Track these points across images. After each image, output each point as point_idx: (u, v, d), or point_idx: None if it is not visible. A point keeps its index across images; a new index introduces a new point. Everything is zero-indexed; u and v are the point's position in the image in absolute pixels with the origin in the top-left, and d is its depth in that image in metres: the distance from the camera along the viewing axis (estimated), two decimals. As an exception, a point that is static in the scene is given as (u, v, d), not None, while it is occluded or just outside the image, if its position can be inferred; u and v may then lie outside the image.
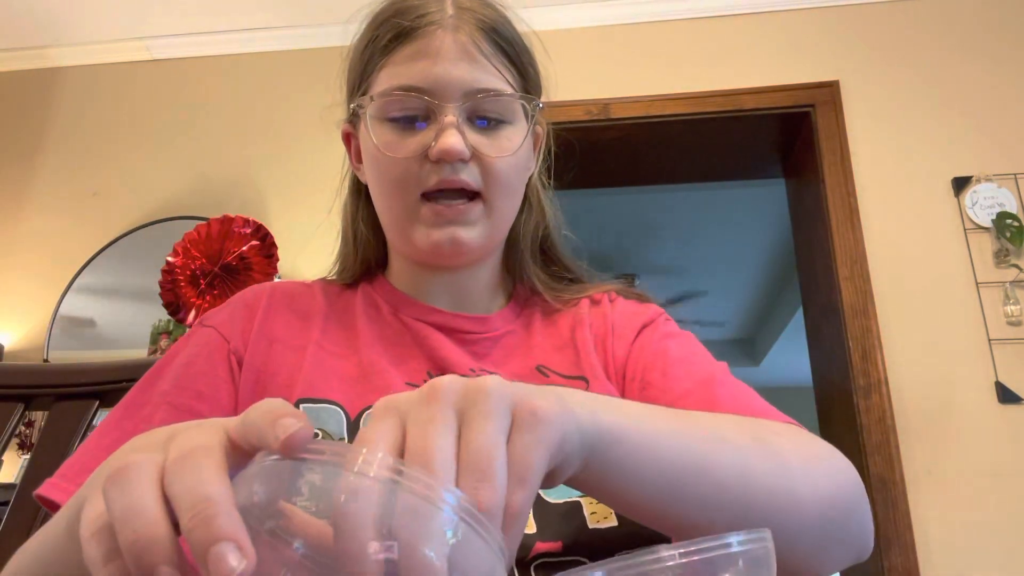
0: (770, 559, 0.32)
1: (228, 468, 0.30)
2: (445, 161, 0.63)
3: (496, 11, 0.69)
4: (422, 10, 0.65)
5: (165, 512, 0.29)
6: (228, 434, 0.32)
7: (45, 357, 2.50)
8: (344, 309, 0.72)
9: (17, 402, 0.83)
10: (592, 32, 2.56)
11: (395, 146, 0.65)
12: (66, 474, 0.56)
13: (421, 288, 0.73)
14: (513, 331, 0.72)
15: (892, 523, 1.95)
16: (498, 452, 0.32)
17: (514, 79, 0.68)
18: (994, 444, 2.02)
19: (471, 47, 0.64)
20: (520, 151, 0.68)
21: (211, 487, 0.28)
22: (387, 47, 0.66)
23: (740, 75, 2.48)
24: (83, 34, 2.80)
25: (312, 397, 0.61)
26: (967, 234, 2.22)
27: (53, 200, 2.71)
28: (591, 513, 0.57)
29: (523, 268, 0.76)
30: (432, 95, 0.63)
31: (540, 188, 0.77)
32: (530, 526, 0.56)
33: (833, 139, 2.36)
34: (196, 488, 0.28)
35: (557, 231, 0.79)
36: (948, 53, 2.42)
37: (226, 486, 0.29)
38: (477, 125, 0.65)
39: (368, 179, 0.72)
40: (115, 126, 2.77)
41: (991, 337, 2.10)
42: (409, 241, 0.68)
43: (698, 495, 0.43)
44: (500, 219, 0.69)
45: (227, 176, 2.64)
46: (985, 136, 2.31)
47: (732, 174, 2.95)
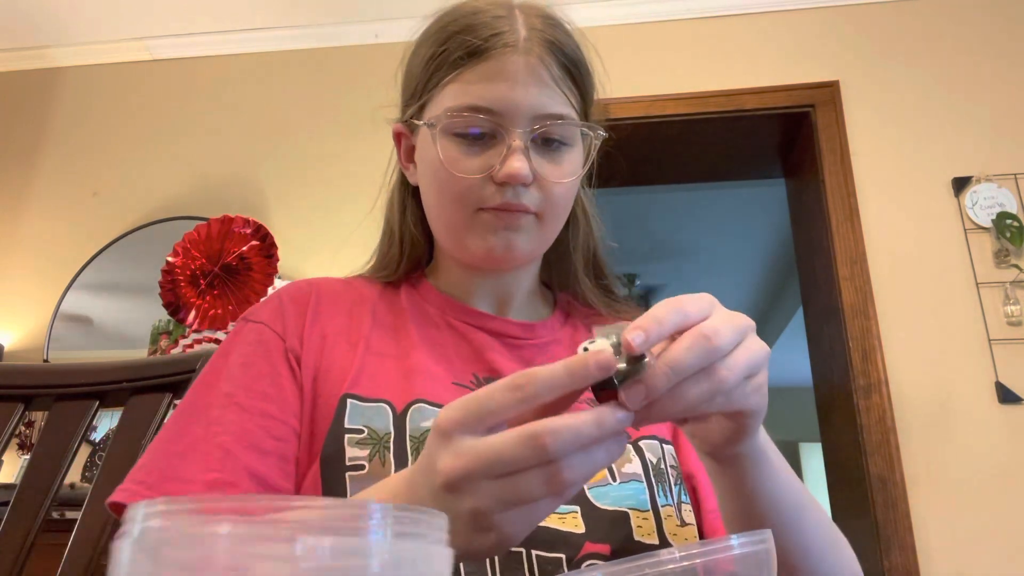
0: (770, 559, 0.32)
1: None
2: (509, 184, 0.64)
3: (564, 32, 0.70)
4: (495, 29, 0.66)
5: None
6: None
7: (45, 357, 2.50)
8: (390, 310, 0.73)
9: (17, 402, 0.83)
10: (592, 32, 2.55)
11: (460, 163, 0.65)
12: (144, 480, 0.56)
13: (467, 290, 0.74)
14: (559, 341, 0.74)
15: (892, 523, 1.95)
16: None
17: (577, 102, 0.69)
18: (994, 444, 2.02)
19: (541, 70, 0.65)
20: (578, 175, 0.69)
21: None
22: (457, 62, 0.66)
23: (740, 75, 2.48)
24: (83, 34, 2.80)
25: (359, 395, 0.62)
26: (967, 234, 2.22)
27: (53, 200, 2.71)
28: (637, 527, 0.58)
29: (575, 281, 0.78)
30: (502, 118, 0.64)
31: (585, 199, 0.79)
32: (579, 526, 0.57)
33: (833, 139, 2.36)
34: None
35: (603, 243, 0.80)
36: (948, 53, 2.42)
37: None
38: (540, 143, 0.67)
39: (423, 185, 0.72)
40: (115, 126, 2.77)
41: (991, 337, 2.10)
42: (463, 247, 0.69)
43: (802, 522, 0.56)
44: (550, 233, 0.70)
45: (227, 176, 2.64)
46: (985, 136, 2.31)
47: (732, 174, 2.95)
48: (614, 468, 0.62)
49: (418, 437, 0.59)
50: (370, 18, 2.63)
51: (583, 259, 0.78)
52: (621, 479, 0.61)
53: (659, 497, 0.61)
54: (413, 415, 0.60)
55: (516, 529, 0.38)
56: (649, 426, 0.67)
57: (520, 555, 0.54)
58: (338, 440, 0.58)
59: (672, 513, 0.61)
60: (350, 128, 2.50)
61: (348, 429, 0.59)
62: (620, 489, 0.60)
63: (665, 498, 0.62)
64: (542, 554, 0.55)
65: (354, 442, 0.58)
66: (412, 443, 0.58)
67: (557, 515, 0.57)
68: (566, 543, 0.55)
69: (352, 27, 2.65)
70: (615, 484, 0.60)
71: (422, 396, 0.62)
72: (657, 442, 0.66)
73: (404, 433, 0.59)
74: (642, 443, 0.65)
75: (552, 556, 0.55)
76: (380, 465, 0.57)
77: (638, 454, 0.63)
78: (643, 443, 0.65)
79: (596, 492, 0.59)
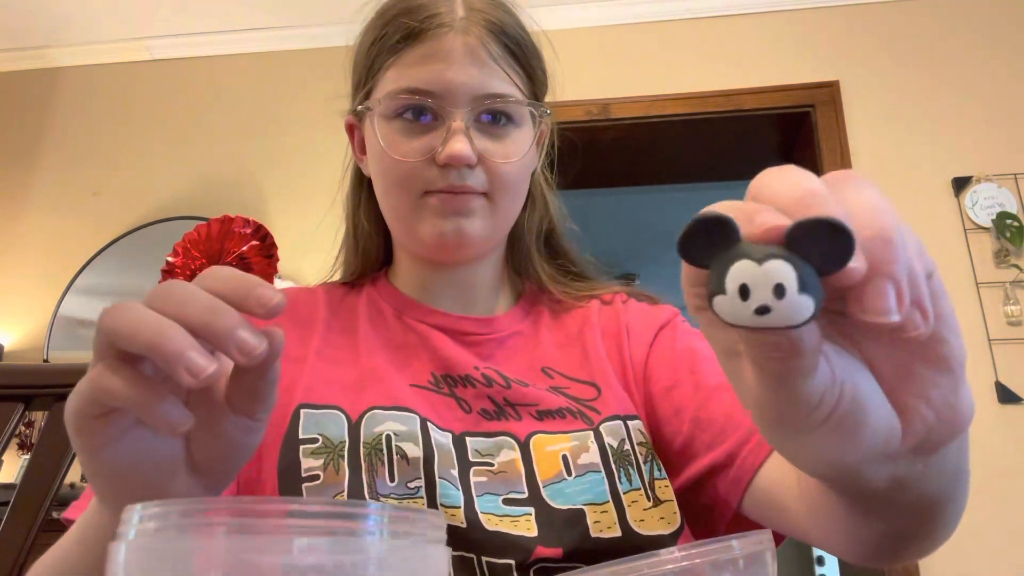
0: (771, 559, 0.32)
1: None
2: (452, 166, 0.63)
3: (505, 12, 0.68)
4: (432, 10, 0.65)
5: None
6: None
7: (45, 357, 2.50)
8: (347, 314, 0.72)
9: (17, 402, 0.83)
10: (592, 32, 2.56)
11: (401, 147, 0.64)
12: (88, 495, 0.56)
13: (426, 287, 0.72)
14: (520, 332, 0.72)
15: (892, 523, 1.95)
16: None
17: (522, 81, 0.67)
18: (994, 444, 2.02)
19: (480, 50, 0.64)
20: (526, 155, 0.68)
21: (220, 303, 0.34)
22: (395, 46, 0.65)
23: (740, 75, 2.48)
24: (83, 34, 2.80)
25: (313, 403, 0.61)
26: (967, 234, 2.22)
27: (53, 200, 2.71)
28: (595, 522, 0.57)
29: (529, 262, 0.76)
30: (441, 99, 0.63)
31: (543, 183, 0.77)
32: (531, 530, 0.56)
33: (833, 139, 2.36)
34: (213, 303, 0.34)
35: (561, 224, 0.78)
36: (948, 53, 2.42)
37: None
38: (484, 123, 0.65)
39: (372, 174, 0.71)
40: (115, 126, 2.77)
41: (991, 337, 2.10)
42: (414, 234, 0.67)
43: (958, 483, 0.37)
44: (504, 216, 0.69)
45: (227, 176, 2.64)
46: (985, 136, 2.31)
47: (732, 174, 2.95)
48: (570, 461, 0.59)
49: (371, 443, 0.58)
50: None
51: (536, 240, 0.76)
52: (577, 472, 0.59)
53: (621, 484, 0.58)
54: (368, 422, 0.59)
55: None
56: (610, 405, 0.64)
57: (471, 561, 0.54)
58: (293, 451, 0.58)
59: (639, 497, 0.59)
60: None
61: (303, 440, 0.58)
62: (575, 484, 0.58)
63: (629, 483, 0.59)
64: (492, 560, 0.54)
65: (308, 452, 0.57)
66: (365, 449, 0.57)
67: (510, 518, 0.56)
68: (516, 548, 0.54)
69: (352, 27, 2.64)
70: (570, 479, 0.58)
71: (376, 403, 0.61)
72: (619, 421, 0.63)
73: (358, 440, 0.58)
74: (602, 427, 0.62)
75: (502, 562, 0.54)
76: (334, 473, 0.56)
77: (597, 440, 0.61)
78: (603, 427, 0.62)
79: (551, 490, 0.58)
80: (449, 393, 0.65)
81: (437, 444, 0.59)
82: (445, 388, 0.65)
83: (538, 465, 0.60)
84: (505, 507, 0.57)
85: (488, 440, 0.61)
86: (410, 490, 0.56)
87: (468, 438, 0.61)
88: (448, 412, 0.63)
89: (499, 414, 0.63)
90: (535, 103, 0.69)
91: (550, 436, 0.61)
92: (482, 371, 0.66)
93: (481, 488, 0.58)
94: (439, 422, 0.62)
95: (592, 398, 0.65)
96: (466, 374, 0.66)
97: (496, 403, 0.64)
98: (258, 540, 0.24)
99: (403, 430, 0.59)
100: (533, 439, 0.61)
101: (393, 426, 0.59)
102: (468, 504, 0.56)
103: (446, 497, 0.56)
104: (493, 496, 0.57)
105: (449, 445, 0.60)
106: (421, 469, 0.57)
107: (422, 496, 0.56)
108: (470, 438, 0.61)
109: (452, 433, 0.61)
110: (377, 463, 0.57)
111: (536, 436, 0.61)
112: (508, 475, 0.59)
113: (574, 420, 0.63)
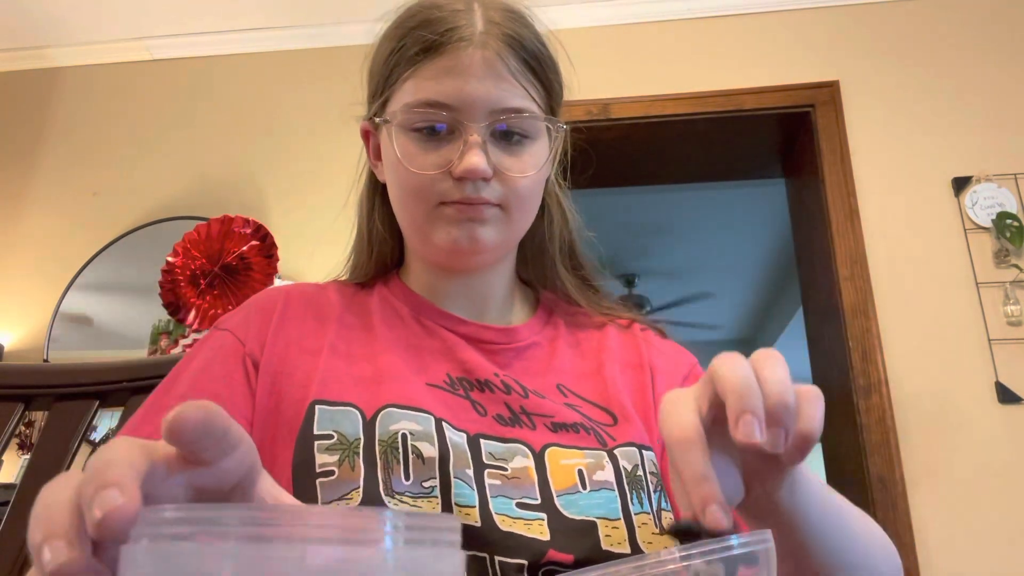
0: (770, 559, 0.32)
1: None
2: (468, 180, 0.64)
3: (524, 25, 0.69)
4: (451, 23, 0.65)
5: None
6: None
7: (45, 357, 2.50)
8: (360, 311, 0.72)
9: (17, 402, 0.83)
10: (592, 32, 2.56)
11: (417, 159, 0.65)
12: None
13: (439, 292, 0.73)
14: (538, 343, 0.73)
15: (892, 523, 1.95)
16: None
17: (539, 95, 0.68)
18: (994, 444, 2.02)
19: (498, 64, 0.65)
20: (542, 169, 0.68)
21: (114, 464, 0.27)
22: (413, 58, 0.66)
23: (740, 75, 2.48)
24: (83, 34, 2.80)
25: (327, 399, 0.61)
26: (967, 234, 2.22)
27: (53, 200, 2.71)
28: (606, 536, 0.57)
29: (555, 274, 0.77)
30: (458, 112, 0.64)
31: (559, 192, 0.78)
32: (544, 534, 0.56)
33: (833, 139, 2.36)
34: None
35: (579, 234, 0.79)
36: (948, 53, 2.42)
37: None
38: (500, 137, 0.66)
39: (388, 183, 0.72)
40: (115, 126, 2.77)
41: (991, 337, 2.10)
42: (428, 242, 0.68)
43: (842, 539, 0.53)
44: (517, 225, 0.69)
45: (227, 176, 2.64)
46: (985, 136, 2.31)
47: (732, 174, 2.96)
48: (585, 476, 0.60)
49: (387, 441, 0.58)
50: (371, 17, 2.62)
51: (559, 252, 0.77)
52: (591, 487, 0.60)
53: (633, 505, 0.59)
54: (383, 420, 0.60)
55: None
56: (626, 433, 0.65)
57: (484, 560, 0.54)
58: (308, 447, 0.58)
59: (648, 521, 0.60)
60: (350, 127, 2.49)
61: (317, 435, 0.59)
62: (589, 498, 0.59)
63: (640, 506, 0.60)
64: (505, 560, 0.54)
65: (323, 448, 0.58)
66: (381, 447, 0.58)
67: (524, 521, 0.57)
68: (529, 549, 0.55)
69: (353, 26, 2.64)
70: (584, 492, 0.59)
71: (392, 400, 0.61)
72: (635, 448, 0.64)
73: (373, 438, 0.58)
74: (618, 451, 0.63)
75: (514, 562, 0.54)
76: (349, 469, 0.57)
77: (612, 462, 0.62)
78: (619, 451, 0.63)
79: (564, 500, 0.58)
80: (464, 395, 0.65)
81: (452, 444, 0.59)
82: (461, 390, 0.66)
83: (552, 476, 0.60)
84: (519, 510, 0.57)
85: (502, 445, 0.62)
86: (425, 489, 0.57)
87: (482, 440, 0.62)
88: (463, 413, 0.64)
89: (514, 421, 0.64)
90: (551, 119, 0.69)
91: (565, 450, 0.62)
92: (501, 378, 0.66)
93: (495, 490, 0.58)
94: (454, 422, 0.62)
95: (607, 424, 0.66)
96: (486, 379, 0.66)
97: (512, 410, 0.65)
98: (273, 546, 0.24)
99: (418, 429, 0.59)
100: (548, 451, 0.62)
101: (408, 425, 0.60)
102: (483, 504, 0.57)
103: (461, 497, 0.56)
104: (507, 499, 0.58)
105: (464, 445, 0.60)
106: (436, 469, 0.57)
107: (437, 496, 0.56)
108: (484, 440, 0.62)
109: (467, 433, 0.62)
110: (393, 461, 0.57)
111: (551, 448, 0.62)
112: (521, 481, 0.59)
113: (588, 437, 0.63)
